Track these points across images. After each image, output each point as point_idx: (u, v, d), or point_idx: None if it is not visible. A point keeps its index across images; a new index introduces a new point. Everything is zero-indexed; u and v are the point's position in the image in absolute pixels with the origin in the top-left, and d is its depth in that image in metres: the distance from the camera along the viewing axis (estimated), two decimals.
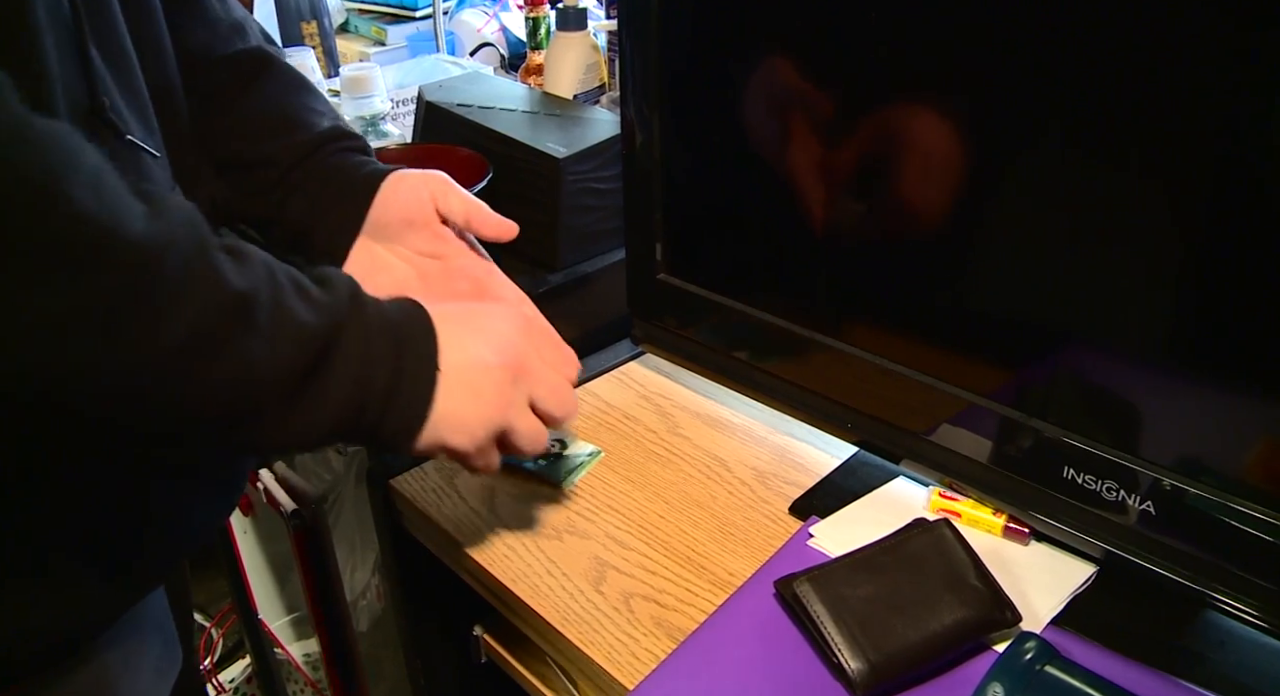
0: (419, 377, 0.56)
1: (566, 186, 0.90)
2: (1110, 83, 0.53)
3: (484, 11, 1.58)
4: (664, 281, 0.82)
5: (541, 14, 1.28)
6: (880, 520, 0.71)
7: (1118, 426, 0.61)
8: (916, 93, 0.62)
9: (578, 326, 0.94)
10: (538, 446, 0.63)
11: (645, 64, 0.76)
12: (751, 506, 0.77)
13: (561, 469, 0.81)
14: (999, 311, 0.64)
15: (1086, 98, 0.54)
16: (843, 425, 0.76)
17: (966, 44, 0.58)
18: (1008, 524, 0.70)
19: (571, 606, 0.68)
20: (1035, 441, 0.64)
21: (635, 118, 0.78)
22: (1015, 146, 0.59)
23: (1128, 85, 0.53)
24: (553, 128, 0.96)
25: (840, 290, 0.72)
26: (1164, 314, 0.57)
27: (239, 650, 1.63)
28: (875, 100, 0.64)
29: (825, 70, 0.66)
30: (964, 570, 0.64)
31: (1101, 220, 0.57)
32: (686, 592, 0.69)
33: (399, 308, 0.57)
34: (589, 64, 1.19)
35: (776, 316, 0.76)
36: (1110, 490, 0.61)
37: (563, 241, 0.91)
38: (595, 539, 0.74)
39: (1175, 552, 0.60)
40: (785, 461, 0.82)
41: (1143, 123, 0.53)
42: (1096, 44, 0.53)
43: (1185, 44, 0.50)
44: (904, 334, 0.70)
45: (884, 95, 0.63)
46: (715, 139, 0.75)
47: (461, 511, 0.78)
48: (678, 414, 0.88)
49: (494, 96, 1.05)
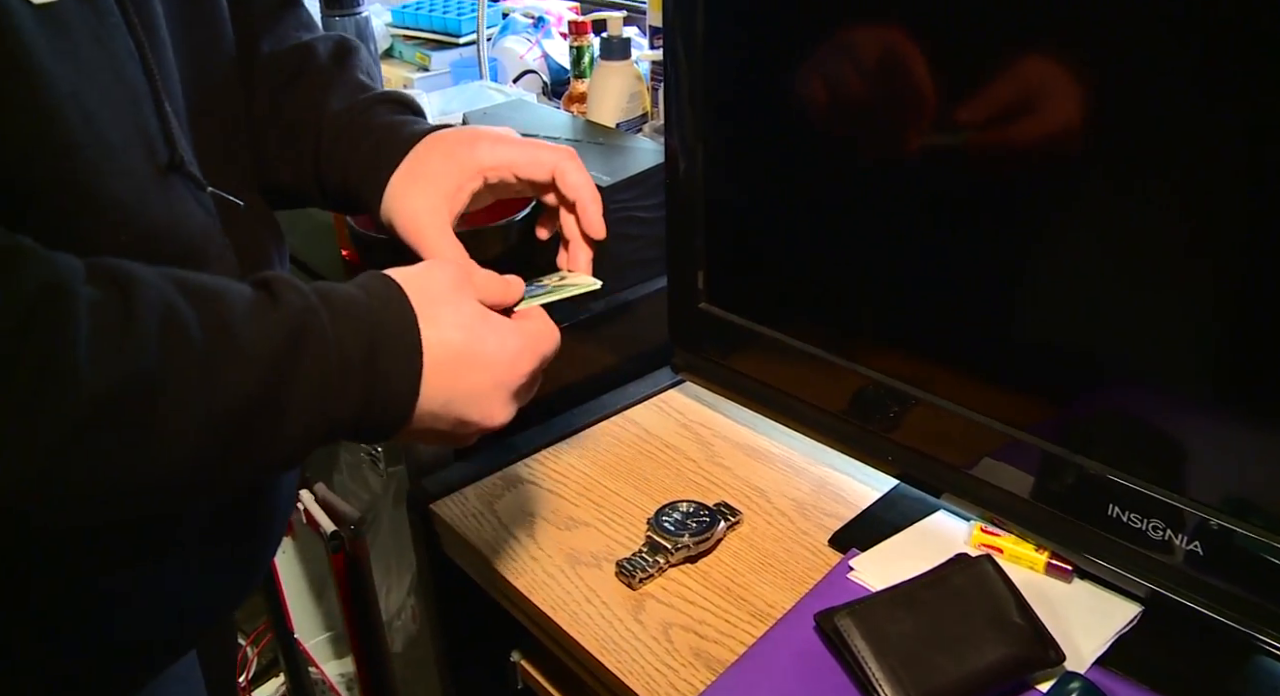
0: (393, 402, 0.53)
1: (609, 215, 0.90)
2: (1167, 118, 0.53)
3: (527, 38, 1.60)
4: (705, 310, 0.83)
5: (586, 43, 1.29)
6: (921, 554, 0.71)
7: (1164, 464, 0.60)
8: (964, 126, 0.62)
9: (618, 353, 0.95)
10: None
11: (691, 93, 0.77)
12: (791, 537, 0.77)
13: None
14: (1044, 345, 0.64)
15: (1142, 133, 0.54)
16: (883, 457, 0.76)
17: (1017, 81, 0.59)
18: (1050, 560, 0.70)
19: (610, 635, 0.69)
20: (1079, 478, 0.64)
21: (679, 147, 0.79)
22: (1065, 178, 0.59)
23: (1186, 122, 0.52)
24: (596, 156, 0.97)
25: (882, 322, 0.72)
26: (1212, 350, 0.56)
27: (273, 667, 1.64)
28: (924, 134, 0.64)
29: (875, 102, 0.66)
30: (1006, 607, 0.63)
31: (1151, 254, 0.56)
32: (726, 623, 0.69)
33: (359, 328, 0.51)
34: (632, 93, 1.20)
35: (818, 347, 0.76)
36: (1156, 529, 0.61)
37: (605, 269, 0.92)
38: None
39: (1224, 594, 0.59)
40: (825, 493, 0.82)
41: (1198, 159, 0.53)
42: (1145, 82, 0.53)
43: (1229, 84, 0.50)
44: (946, 367, 0.69)
45: (933, 129, 0.64)
46: (759, 169, 0.76)
47: (501, 537, 0.78)
48: (717, 443, 0.88)
49: (538, 124, 1.06)
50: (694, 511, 0.76)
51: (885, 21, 0.63)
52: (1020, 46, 0.57)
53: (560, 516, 0.80)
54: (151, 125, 0.54)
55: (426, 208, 0.66)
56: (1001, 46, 0.58)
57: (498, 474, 0.85)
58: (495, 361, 0.56)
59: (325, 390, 0.49)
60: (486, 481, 0.85)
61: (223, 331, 0.46)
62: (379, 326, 0.51)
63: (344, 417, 0.50)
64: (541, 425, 0.91)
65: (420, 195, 0.67)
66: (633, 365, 0.96)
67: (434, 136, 0.68)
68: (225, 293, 0.48)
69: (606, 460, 0.87)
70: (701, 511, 0.76)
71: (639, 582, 0.72)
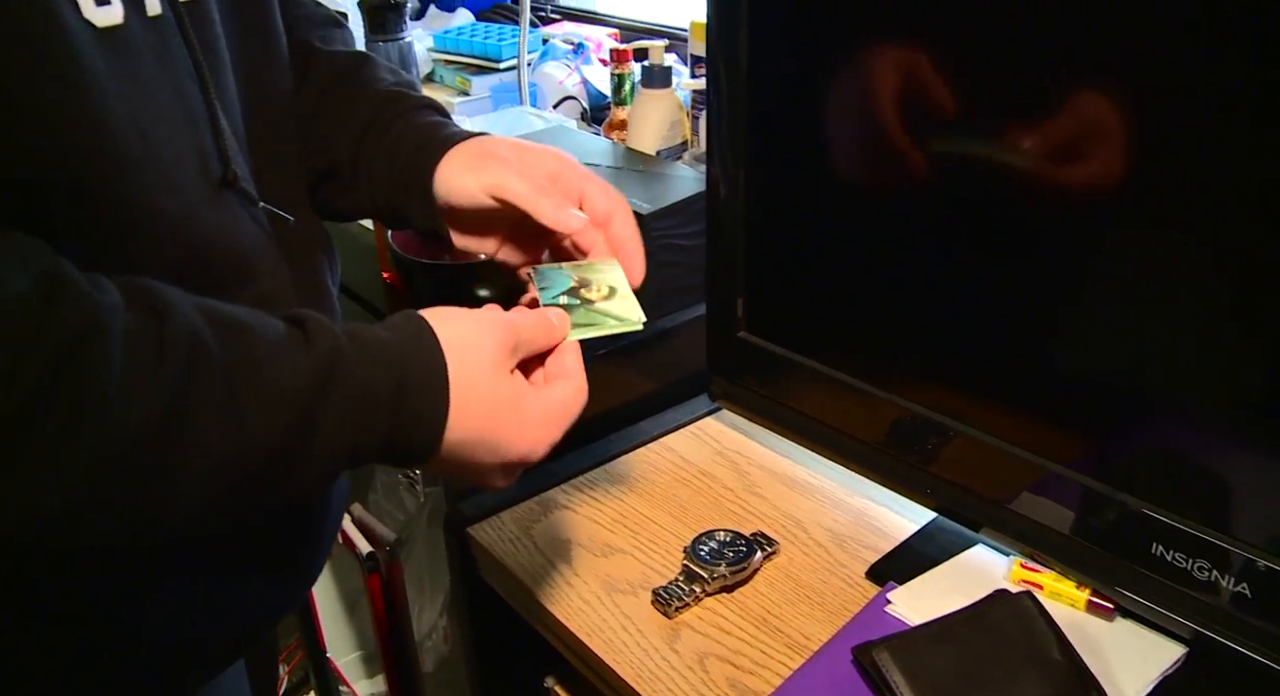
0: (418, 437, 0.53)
1: (650, 242, 0.91)
2: (1216, 156, 0.53)
3: (566, 64, 1.62)
4: (744, 339, 0.83)
5: (627, 71, 1.30)
6: (960, 589, 0.70)
7: (1210, 503, 0.59)
8: (1011, 160, 0.62)
9: (655, 380, 0.95)
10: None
11: (733, 121, 0.77)
12: (828, 569, 0.77)
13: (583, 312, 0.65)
14: (1086, 379, 0.63)
15: (1191, 171, 0.54)
16: (921, 490, 0.75)
17: (1066, 120, 0.58)
18: (1092, 598, 0.69)
19: (646, 663, 0.68)
20: (1121, 515, 0.63)
21: (721, 174, 0.79)
22: (1111, 213, 0.58)
23: (1236, 159, 0.52)
24: (636, 183, 0.98)
25: (922, 354, 0.72)
26: (1260, 386, 0.56)
27: (304, 686, 1.64)
28: (970, 167, 0.64)
29: (920, 134, 0.66)
30: (1047, 645, 0.63)
31: (1198, 289, 0.56)
32: (762, 654, 0.69)
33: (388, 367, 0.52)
34: (673, 121, 1.21)
35: (857, 378, 0.76)
36: (1202, 569, 0.60)
37: (644, 296, 0.92)
38: None
39: (1272, 637, 0.58)
40: (862, 524, 0.81)
41: (1246, 194, 0.52)
42: (1192, 122, 0.53)
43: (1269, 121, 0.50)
44: (986, 399, 0.69)
45: (979, 162, 0.64)
46: (801, 198, 0.76)
47: (537, 562, 0.78)
48: (754, 472, 0.88)
49: (579, 150, 1.07)
50: (731, 540, 0.76)
51: (932, 53, 0.64)
52: (1067, 86, 0.57)
53: (597, 542, 0.80)
54: (207, 142, 0.55)
55: (506, 175, 0.65)
56: (1049, 84, 0.58)
57: (534, 498, 0.86)
58: (514, 445, 0.56)
59: (350, 428, 0.49)
60: (523, 506, 0.85)
61: (251, 371, 0.46)
62: (406, 366, 0.52)
63: (368, 450, 0.51)
64: (578, 451, 0.91)
65: (494, 171, 0.65)
66: (670, 392, 0.96)
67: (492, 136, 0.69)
68: (256, 328, 0.48)
69: (643, 487, 0.87)
70: (739, 541, 0.76)
71: (675, 611, 0.72)
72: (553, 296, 0.65)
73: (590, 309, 0.65)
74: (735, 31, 0.74)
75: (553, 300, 0.64)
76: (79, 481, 0.42)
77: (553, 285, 0.66)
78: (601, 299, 0.66)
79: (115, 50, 0.49)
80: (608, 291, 0.67)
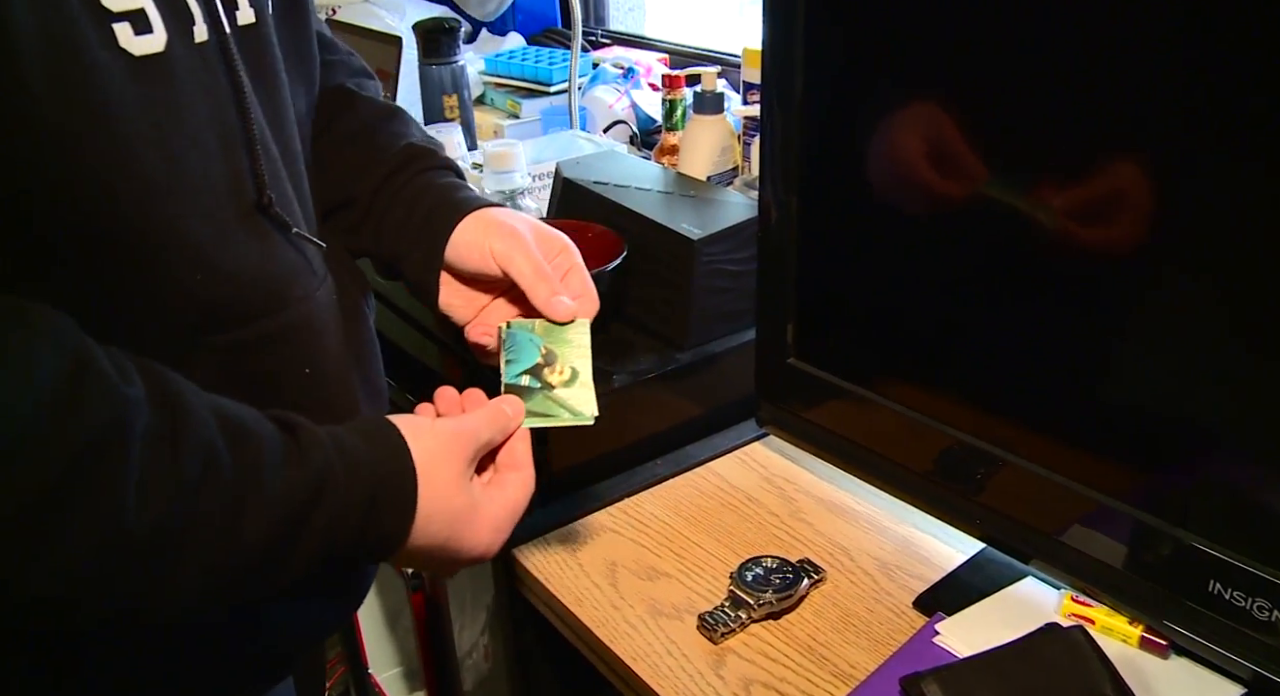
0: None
1: (700, 267, 0.91)
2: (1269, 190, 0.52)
3: (616, 89, 1.63)
4: (793, 366, 0.83)
5: (679, 96, 1.32)
6: (1009, 621, 0.70)
7: (1269, 541, 0.58)
8: (1064, 197, 0.62)
9: (702, 405, 0.95)
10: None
11: (786, 148, 0.77)
12: (874, 598, 0.76)
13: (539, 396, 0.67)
14: (1142, 411, 0.63)
15: (1249, 195, 0.54)
16: (970, 520, 0.75)
17: (1116, 171, 0.58)
18: (1145, 634, 0.68)
19: (691, 689, 0.68)
20: (1176, 551, 0.62)
21: (773, 201, 0.80)
22: (1168, 245, 0.58)
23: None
24: (687, 208, 0.99)
25: (973, 383, 0.72)
26: None
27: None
28: (1022, 201, 0.64)
29: (973, 165, 0.66)
30: (1099, 681, 0.62)
31: (1255, 322, 0.55)
32: (807, 682, 0.69)
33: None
34: (724, 147, 1.22)
35: (905, 406, 0.76)
36: (1261, 609, 0.59)
37: (693, 321, 0.93)
38: None
39: None
40: (909, 553, 0.81)
41: None
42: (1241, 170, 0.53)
43: None
44: (1038, 430, 0.68)
45: (1033, 197, 0.63)
46: (853, 226, 0.76)
47: (583, 584, 0.79)
48: (801, 498, 0.88)
49: (630, 175, 1.08)
50: (777, 567, 0.76)
51: (989, 86, 0.64)
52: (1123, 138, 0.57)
53: (642, 566, 0.80)
54: (243, 166, 0.56)
55: (515, 249, 0.69)
56: (1105, 134, 0.58)
57: (580, 521, 0.86)
58: (471, 550, 0.60)
59: (328, 540, 0.52)
60: (569, 528, 0.85)
61: (254, 483, 0.49)
62: (381, 485, 0.54)
63: (337, 556, 0.54)
64: (624, 474, 0.91)
65: (507, 242, 0.69)
66: (717, 417, 0.97)
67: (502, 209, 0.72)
68: (263, 439, 0.50)
69: (689, 511, 0.87)
70: (785, 567, 0.76)
71: (721, 637, 0.72)
72: (515, 374, 0.67)
73: (548, 396, 0.66)
74: (791, 60, 0.74)
75: (515, 379, 0.66)
76: (83, 573, 0.44)
77: (519, 358, 0.67)
78: (562, 384, 0.67)
79: (151, 77, 0.50)
80: (569, 375, 0.68)
